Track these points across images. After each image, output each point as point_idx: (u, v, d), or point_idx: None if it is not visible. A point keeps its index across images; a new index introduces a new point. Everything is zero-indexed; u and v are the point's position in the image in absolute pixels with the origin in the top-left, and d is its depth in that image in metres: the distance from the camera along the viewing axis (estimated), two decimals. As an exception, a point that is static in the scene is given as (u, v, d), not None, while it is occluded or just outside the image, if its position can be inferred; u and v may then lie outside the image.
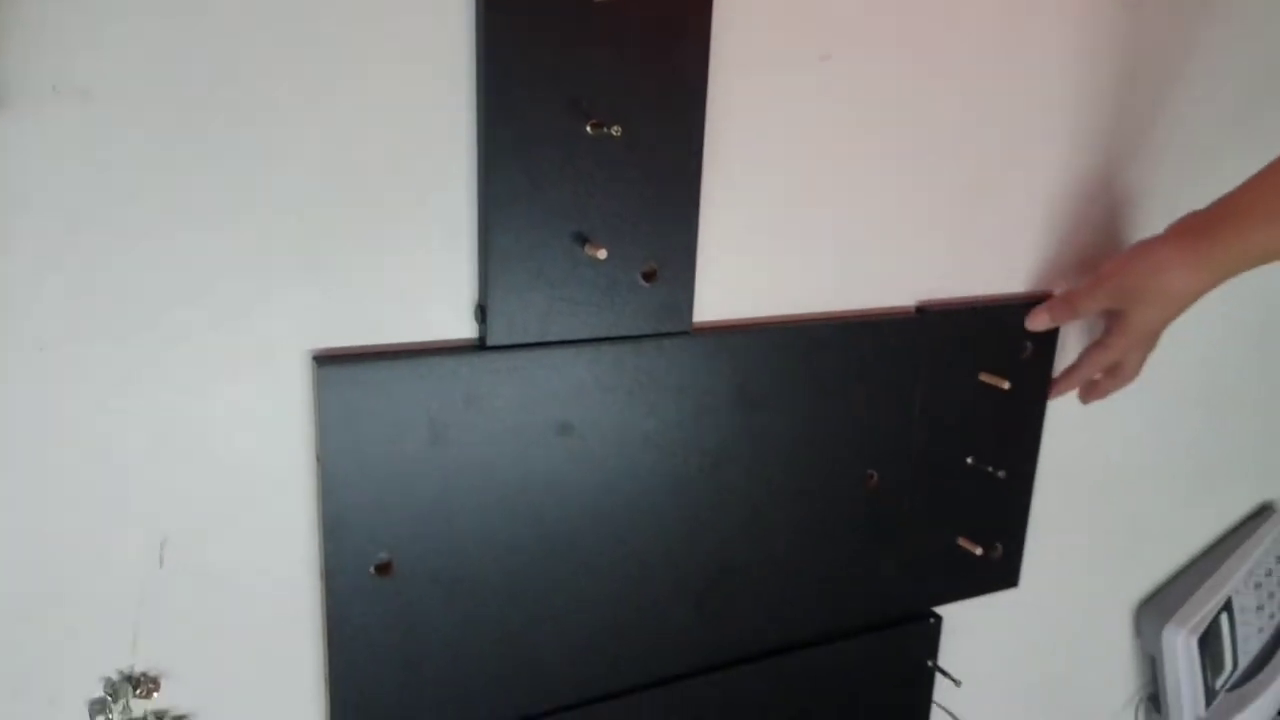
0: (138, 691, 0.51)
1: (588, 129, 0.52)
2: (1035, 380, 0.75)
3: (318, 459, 0.51)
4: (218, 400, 0.49)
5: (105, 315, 0.46)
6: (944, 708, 0.80)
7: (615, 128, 0.51)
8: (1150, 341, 0.71)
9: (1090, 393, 0.76)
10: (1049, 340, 0.74)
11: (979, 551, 0.74)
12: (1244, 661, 0.97)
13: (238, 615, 0.53)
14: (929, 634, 0.76)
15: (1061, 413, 0.78)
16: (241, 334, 0.49)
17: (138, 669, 0.51)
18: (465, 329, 0.54)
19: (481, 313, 0.53)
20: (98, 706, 0.51)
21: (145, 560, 0.50)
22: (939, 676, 0.78)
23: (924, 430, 0.70)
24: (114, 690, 0.51)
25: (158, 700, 0.52)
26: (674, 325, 0.58)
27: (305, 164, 0.48)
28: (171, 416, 0.49)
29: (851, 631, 0.72)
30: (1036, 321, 0.71)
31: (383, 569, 0.53)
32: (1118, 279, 0.67)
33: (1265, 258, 0.64)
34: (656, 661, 0.64)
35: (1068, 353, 0.76)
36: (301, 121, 0.48)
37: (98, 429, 0.47)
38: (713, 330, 0.60)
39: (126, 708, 0.51)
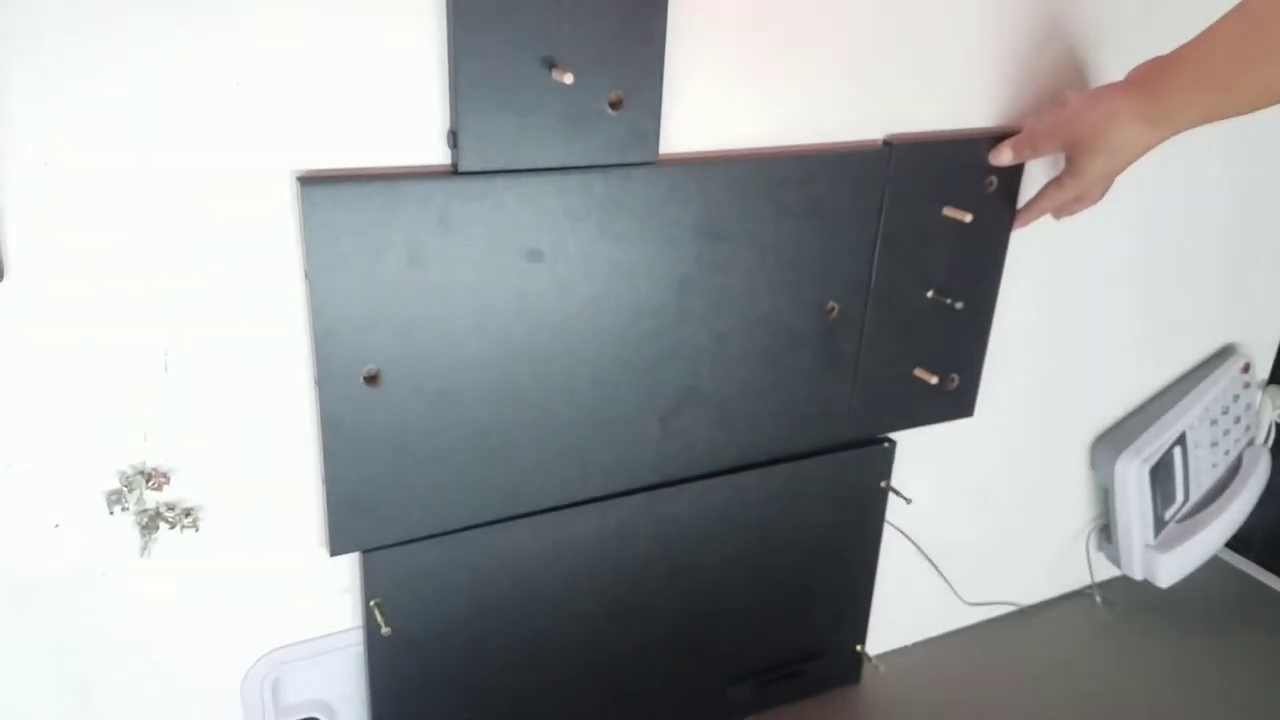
0: (150, 484, 0.57)
1: None
2: (998, 215, 0.78)
3: (306, 276, 0.55)
4: (216, 218, 0.53)
5: (109, 128, 0.50)
6: (896, 527, 0.87)
7: None
8: (1105, 183, 0.73)
9: (1057, 213, 0.79)
10: (1013, 175, 0.76)
11: (934, 381, 0.79)
12: (1195, 494, 1.03)
13: (240, 419, 0.58)
14: (883, 457, 0.82)
15: (1024, 247, 0.81)
16: (234, 155, 0.52)
17: (149, 464, 0.57)
18: (442, 156, 0.57)
19: (453, 138, 0.56)
20: (114, 497, 0.57)
21: (152, 366, 0.55)
22: (892, 498, 0.84)
23: (886, 263, 0.73)
24: (128, 483, 0.57)
25: (168, 493, 0.58)
26: (640, 155, 0.61)
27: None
28: (174, 233, 0.53)
29: (809, 454, 0.78)
30: (1000, 156, 0.74)
31: (371, 379, 0.58)
32: (1072, 126, 0.69)
33: (1209, 118, 0.65)
34: (622, 474, 0.69)
35: (1033, 185, 0.79)
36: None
37: (104, 248, 0.51)
38: (679, 162, 0.63)
39: (140, 499, 0.57)
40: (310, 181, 0.54)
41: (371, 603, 0.64)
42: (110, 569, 0.58)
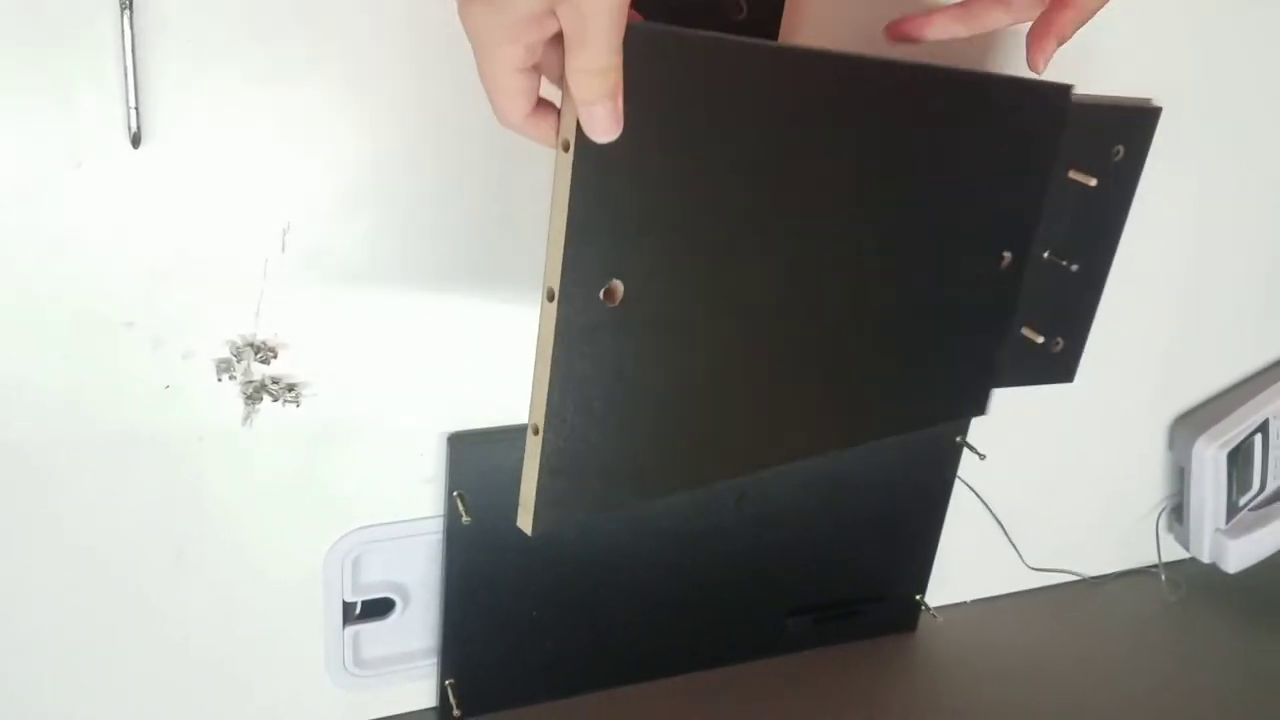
0: (258, 357, 0.59)
1: None
2: (1122, 184, 0.77)
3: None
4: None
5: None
6: (967, 484, 0.87)
7: None
8: None
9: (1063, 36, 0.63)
10: (1140, 148, 0.75)
11: (1040, 340, 0.79)
12: (1272, 484, 1.01)
13: (349, 309, 0.60)
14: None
15: (1143, 219, 0.80)
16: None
17: (259, 338, 0.59)
18: None
19: None
20: (224, 365, 0.59)
21: (270, 245, 0.57)
22: (967, 454, 0.84)
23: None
24: (238, 353, 0.59)
25: (274, 367, 0.60)
26: None
27: None
28: (290, 109, 0.54)
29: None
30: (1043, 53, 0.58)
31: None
32: None
33: None
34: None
35: (1159, 161, 0.77)
36: None
37: (237, 125, 0.53)
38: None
39: (248, 370, 0.59)
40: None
41: (455, 494, 0.66)
42: (211, 434, 0.60)
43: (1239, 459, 0.96)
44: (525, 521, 0.47)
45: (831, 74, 0.51)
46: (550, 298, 0.44)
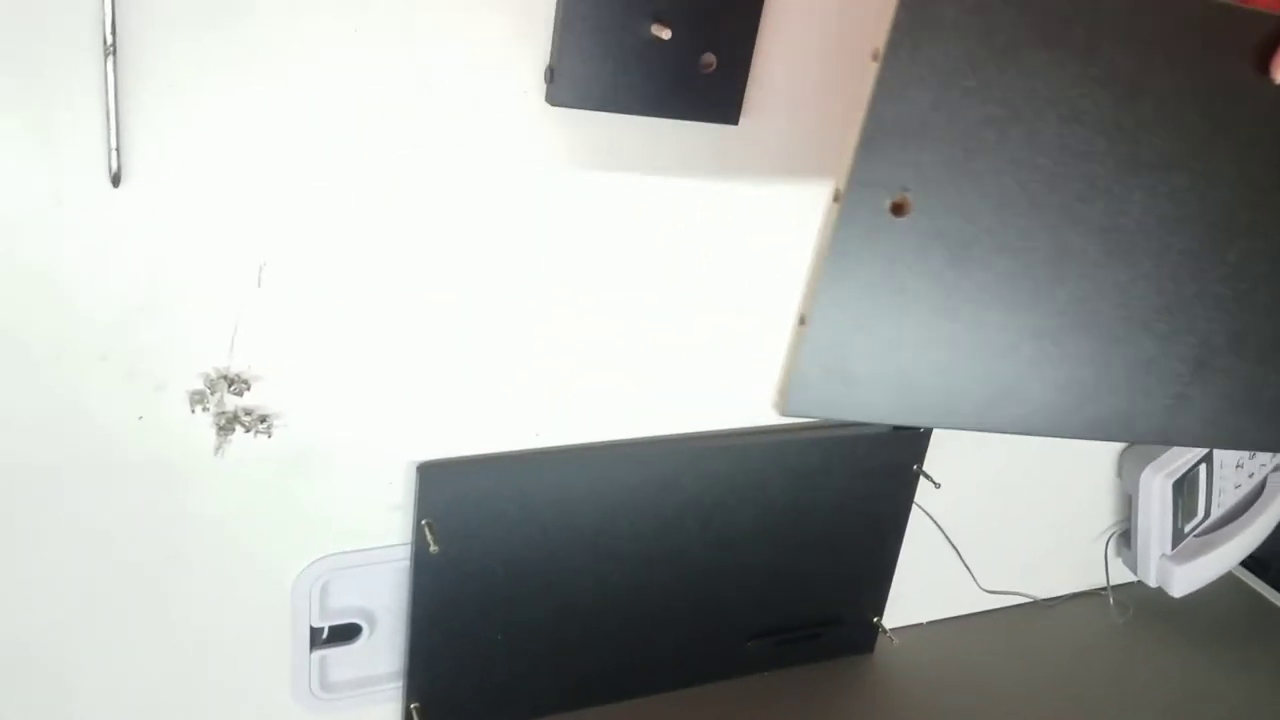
0: (232, 389, 0.60)
1: None
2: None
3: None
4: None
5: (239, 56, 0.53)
6: (924, 509, 0.89)
7: None
8: None
9: None
10: None
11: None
12: (1216, 512, 1.05)
13: (323, 340, 0.61)
14: (919, 441, 0.84)
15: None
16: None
17: (233, 370, 0.60)
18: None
19: (550, 74, 0.59)
20: (197, 397, 0.60)
21: (246, 278, 0.58)
22: (922, 480, 0.86)
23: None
24: (212, 385, 0.60)
25: (248, 399, 0.61)
26: (723, 118, 0.64)
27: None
28: (268, 149, 0.56)
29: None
30: None
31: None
32: None
33: None
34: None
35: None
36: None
37: (217, 165, 0.55)
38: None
39: (221, 401, 0.61)
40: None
41: (423, 522, 0.67)
42: (183, 463, 0.61)
43: (1184, 488, 1.00)
44: (780, 405, 0.49)
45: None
46: (835, 198, 0.45)
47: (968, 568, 0.95)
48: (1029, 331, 0.51)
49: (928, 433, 0.84)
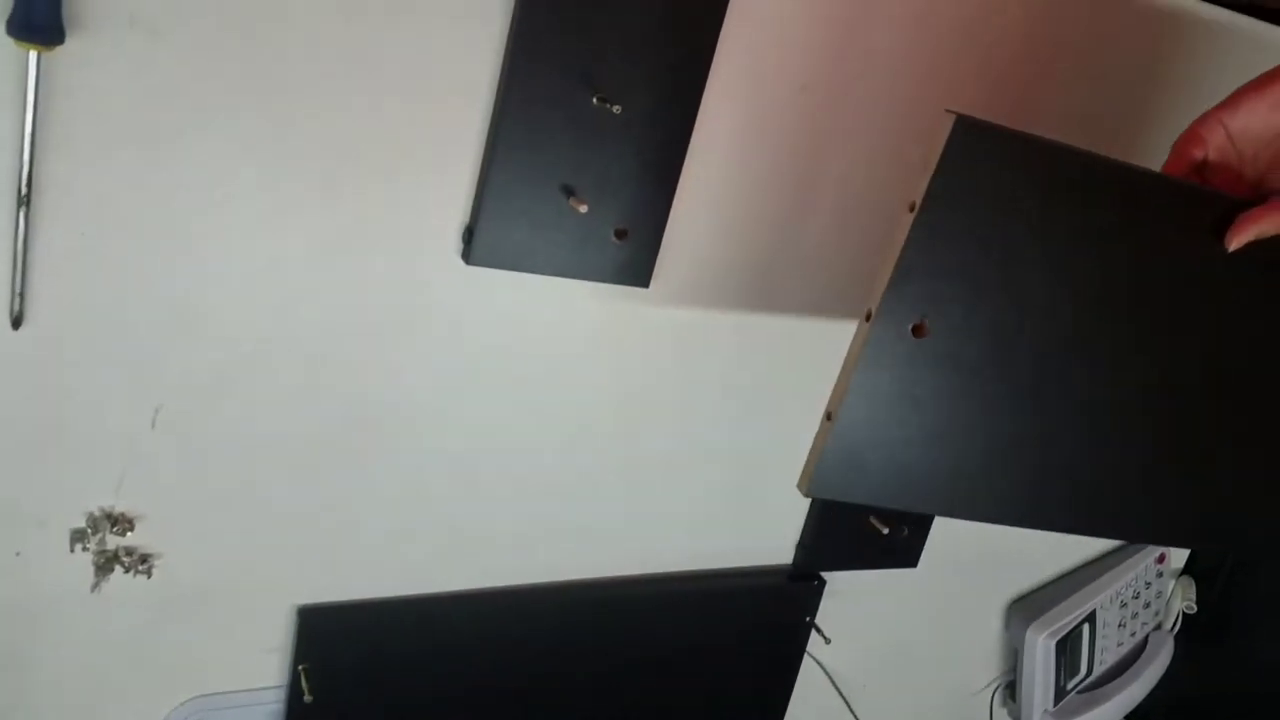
0: (115, 529, 0.60)
1: (593, 100, 0.59)
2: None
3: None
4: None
5: (141, 201, 0.53)
6: (816, 660, 0.91)
7: (617, 106, 0.59)
8: None
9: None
10: None
11: (885, 531, 0.84)
12: (1099, 669, 1.08)
13: (216, 480, 0.61)
14: (813, 593, 0.86)
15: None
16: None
17: (118, 509, 0.60)
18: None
19: (469, 234, 0.60)
20: (78, 535, 0.59)
21: (141, 420, 0.58)
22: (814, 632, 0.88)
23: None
24: (94, 524, 0.59)
25: (129, 538, 0.60)
26: (635, 280, 0.66)
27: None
28: (172, 299, 0.56)
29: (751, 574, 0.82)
30: (1240, 237, 0.57)
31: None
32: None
33: None
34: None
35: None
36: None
37: (124, 307, 0.55)
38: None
39: (102, 540, 0.60)
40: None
41: (300, 667, 0.66)
42: (58, 600, 0.60)
43: (1068, 647, 1.02)
44: (803, 485, 0.57)
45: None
46: (867, 318, 0.53)
47: (855, 716, 0.96)
48: (1018, 439, 0.60)
49: (821, 585, 0.86)
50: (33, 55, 0.47)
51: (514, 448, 0.70)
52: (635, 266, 0.66)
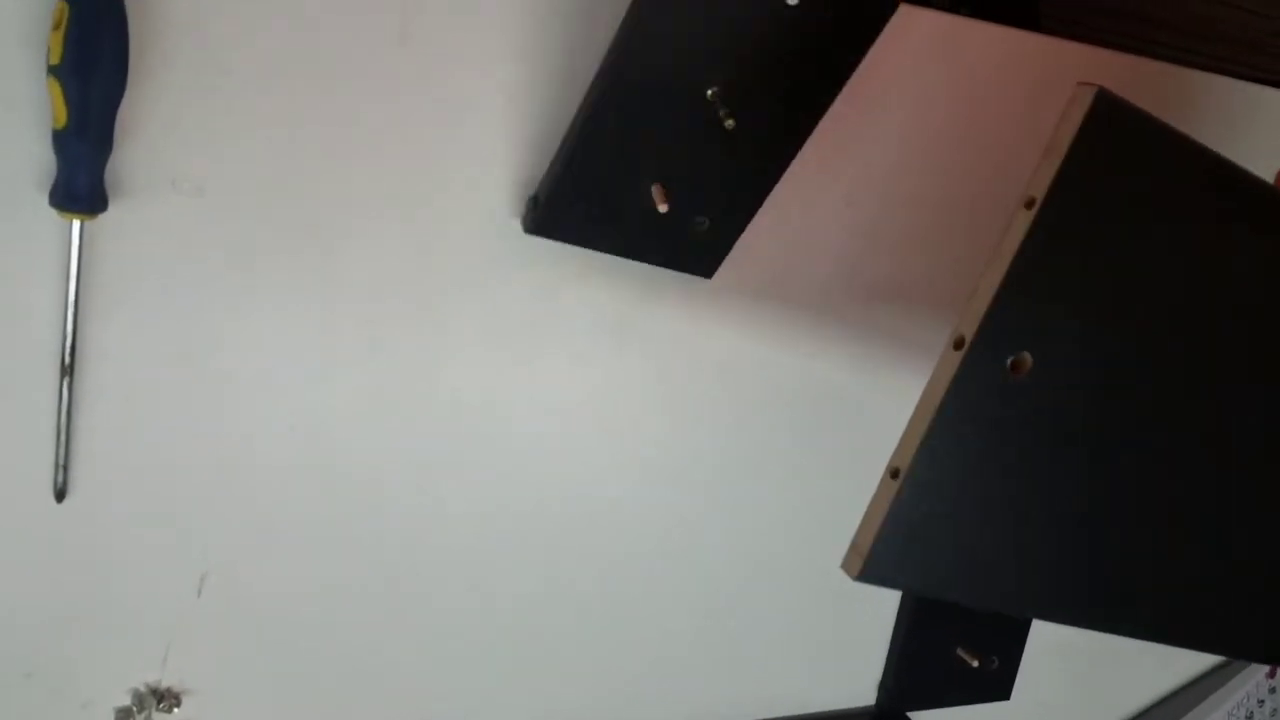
0: (161, 705, 0.57)
1: (711, 108, 0.53)
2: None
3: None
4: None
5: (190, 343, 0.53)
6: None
7: (730, 120, 0.54)
8: None
9: None
10: None
11: (975, 663, 0.79)
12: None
13: (266, 647, 0.59)
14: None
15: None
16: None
17: (164, 684, 0.57)
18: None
19: (534, 203, 0.57)
20: (123, 714, 0.57)
21: (186, 589, 0.56)
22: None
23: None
24: (140, 701, 0.57)
25: (178, 715, 0.58)
26: (699, 270, 0.60)
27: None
28: (218, 462, 0.55)
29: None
30: None
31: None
32: None
33: None
34: None
35: None
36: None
37: (169, 472, 0.54)
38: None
39: (149, 718, 0.57)
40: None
41: None
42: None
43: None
44: (853, 565, 0.43)
45: None
46: (957, 345, 0.41)
47: None
48: (1123, 535, 0.46)
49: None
50: (76, 224, 0.47)
51: (578, 593, 0.66)
52: (706, 257, 0.60)
